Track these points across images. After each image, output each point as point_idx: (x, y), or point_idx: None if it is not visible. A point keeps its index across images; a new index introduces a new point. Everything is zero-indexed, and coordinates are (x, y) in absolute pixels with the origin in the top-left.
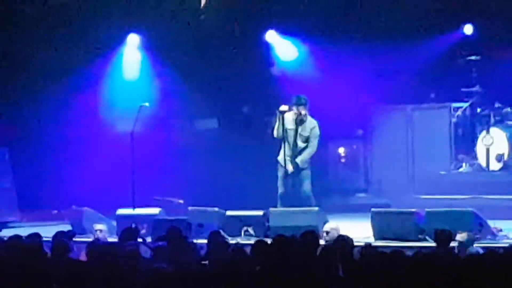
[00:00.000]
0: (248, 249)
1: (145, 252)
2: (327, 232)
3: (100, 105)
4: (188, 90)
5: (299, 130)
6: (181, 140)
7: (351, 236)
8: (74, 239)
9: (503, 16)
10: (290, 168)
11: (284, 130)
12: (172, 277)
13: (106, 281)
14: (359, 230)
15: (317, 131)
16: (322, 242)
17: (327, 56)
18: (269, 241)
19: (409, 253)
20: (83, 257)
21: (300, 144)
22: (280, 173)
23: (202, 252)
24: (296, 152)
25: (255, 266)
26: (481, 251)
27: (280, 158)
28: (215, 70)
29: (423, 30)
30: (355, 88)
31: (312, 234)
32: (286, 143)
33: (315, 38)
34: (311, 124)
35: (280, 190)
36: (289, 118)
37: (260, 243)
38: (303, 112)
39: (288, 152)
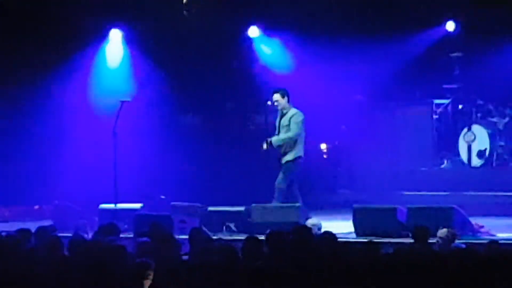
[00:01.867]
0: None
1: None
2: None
3: (82, 99)
4: (171, 85)
5: (282, 122)
6: (163, 136)
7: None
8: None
9: (485, 13)
10: (264, 146)
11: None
12: (156, 272)
13: (90, 277)
14: (341, 226)
15: (297, 117)
16: None
17: (310, 52)
18: (260, 237)
19: (390, 249)
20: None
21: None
22: None
23: (184, 248)
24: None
25: (244, 262)
26: (463, 247)
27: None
28: (198, 65)
29: (406, 27)
30: (338, 84)
31: (305, 229)
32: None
33: (297, 34)
34: (292, 113)
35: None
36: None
37: (251, 239)
38: (277, 99)
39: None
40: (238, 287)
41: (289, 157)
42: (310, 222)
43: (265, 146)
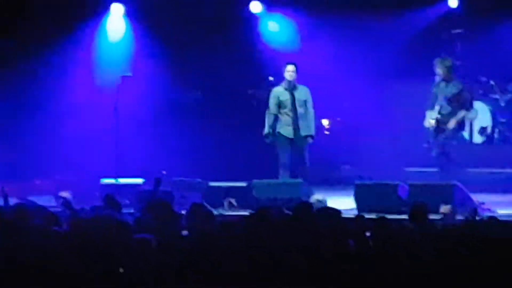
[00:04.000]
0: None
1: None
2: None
3: (84, 74)
4: (173, 60)
5: (296, 96)
6: (165, 111)
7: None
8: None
9: None
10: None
11: (279, 103)
12: (155, 247)
13: (91, 252)
14: (342, 203)
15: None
16: None
17: (312, 29)
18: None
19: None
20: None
21: (299, 109)
22: (282, 144)
23: (185, 223)
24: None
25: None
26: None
27: (282, 130)
28: (200, 40)
29: (409, 3)
30: (340, 61)
31: (306, 205)
32: (284, 114)
33: (300, 10)
34: (304, 88)
35: (285, 160)
36: (280, 90)
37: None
38: (294, 71)
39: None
40: (236, 263)
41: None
42: (315, 197)
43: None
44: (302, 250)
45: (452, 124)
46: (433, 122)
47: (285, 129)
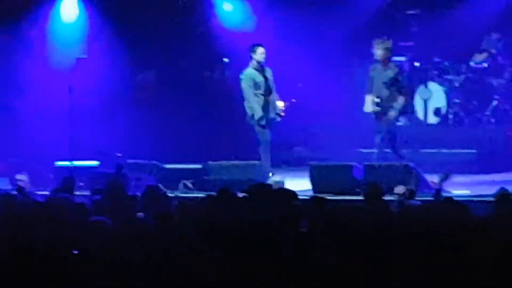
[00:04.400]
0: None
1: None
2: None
3: (38, 55)
4: (127, 42)
5: (268, 76)
6: (119, 93)
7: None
8: None
9: None
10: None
11: (253, 85)
12: (110, 230)
13: (47, 235)
14: (298, 184)
15: None
16: None
17: (266, 10)
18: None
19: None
20: None
21: (272, 90)
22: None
23: (140, 205)
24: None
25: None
26: (419, 204)
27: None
28: (154, 22)
29: None
30: (295, 42)
31: (261, 186)
32: (259, 96)
33: None
34: (270, 69)
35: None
36: (253, 72)
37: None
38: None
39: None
40: (193, 244)
41: None
42: (273, 179)
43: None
44: (258, 230)
45: (392, 114)
46: (372, 107)
47: (263, 110)
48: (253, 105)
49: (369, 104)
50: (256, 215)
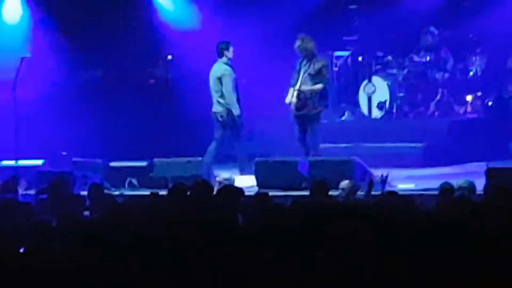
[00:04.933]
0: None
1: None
2: (220, 183)
3: None
4: (70, 41)
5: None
6: (63, 91)
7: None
8: None
9: None
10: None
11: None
12: (55, 229)
13: None
14: (243, 180)
15: None
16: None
17: (209, 6)
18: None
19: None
20: None
21: None
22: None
23: (86, 204)
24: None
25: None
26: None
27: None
28: (98, 20)
29: None
30: (236, 38)
31: (205, 183)
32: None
33: None
34: None
35: None
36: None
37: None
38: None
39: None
40: (138, 242)
41: None
42: (222, 176)
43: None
44: (199, 226)
45: (310, 107)
46: (291, 99)
47: None
48: (234, 101)
49: (290, 96)
50: (199, 212)
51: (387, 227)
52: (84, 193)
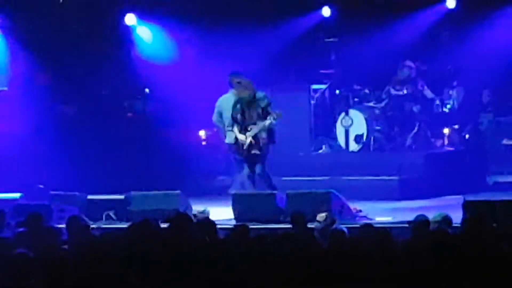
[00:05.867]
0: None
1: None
2: (195, 216)
3: None
4: (48, 74)
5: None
6: (41, 124)
7: (213, 219)
8: None
9: None
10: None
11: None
12: (33, 263)
13: None
14: (221, 213)
15: None
16: None
17: (186, 40)
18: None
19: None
20: None
21: None
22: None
23: (64, 237)
24: None
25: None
26: (345, 230)
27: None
28: (74, 53)
29: (282, 12)
30: (214, 72)
31: (183, 216)
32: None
33: (174, 22)
34: None
35: None
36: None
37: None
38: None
39: None
40: (115, 275)
41: None
42: (197, 209)
43: None
44: (178, 260)
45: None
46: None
47: None
48: None
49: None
50: (177, 245)
51: (363, 259)
52: (62, 226)
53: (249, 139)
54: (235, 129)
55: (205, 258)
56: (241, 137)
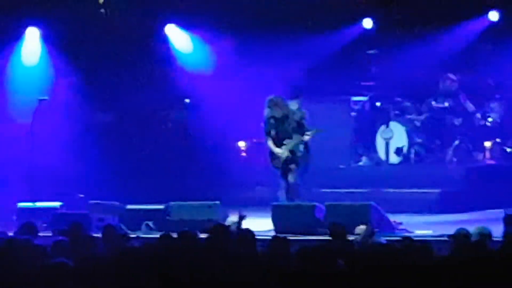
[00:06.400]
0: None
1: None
2: (228, 226)
3: None
4: (89, 83)
5: None
6: (81, 134)
7: (252, 229)
8: None
9: (402, 10)
10: None
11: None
12: (72, 272)
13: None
14: (260, 224)
15: None
16: None
17: (225, 50)
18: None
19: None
20: None
21: None
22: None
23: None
24: None
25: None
26: (384, 242)
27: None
28: (115, 63)
29: (323, 24)
30: (255, 82)
31: (222, 227)
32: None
33: (213, 32)
34: None
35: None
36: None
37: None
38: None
39: None
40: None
41: None
42: (230, 219)
43: None
44: (217, 271)
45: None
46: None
47: None
48: None
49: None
50: (216, 256)
51: (403, 272)
52: (98, 235)
53: (286, 153)
54: (270, 143)
55: (241, 272)
56: (277, 150)
